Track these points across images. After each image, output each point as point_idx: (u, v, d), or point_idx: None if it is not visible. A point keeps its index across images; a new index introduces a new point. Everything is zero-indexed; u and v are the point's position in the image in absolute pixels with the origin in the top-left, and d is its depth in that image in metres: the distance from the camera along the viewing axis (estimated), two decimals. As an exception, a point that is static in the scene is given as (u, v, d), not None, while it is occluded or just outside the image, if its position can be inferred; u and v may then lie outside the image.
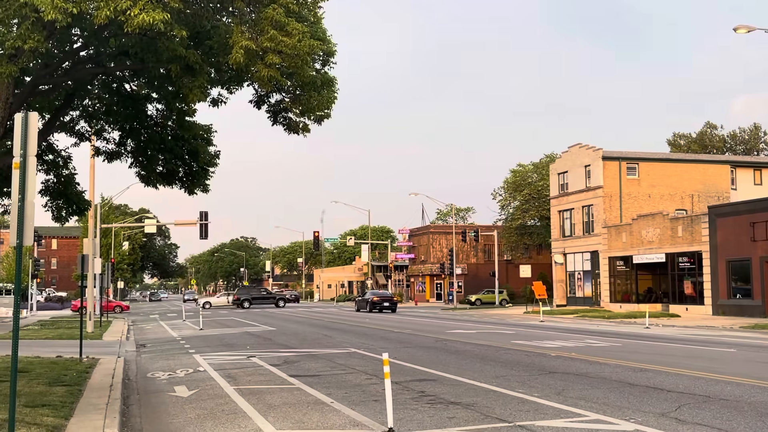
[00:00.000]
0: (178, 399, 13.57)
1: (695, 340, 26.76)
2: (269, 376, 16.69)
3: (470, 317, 48.49)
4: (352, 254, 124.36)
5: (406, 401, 12.62)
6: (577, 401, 12.50)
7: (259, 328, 35.58)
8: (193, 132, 17.11)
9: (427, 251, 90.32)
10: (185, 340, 28.27)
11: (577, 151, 60.64)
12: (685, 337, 28.39)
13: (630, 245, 53.04)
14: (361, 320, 43.26)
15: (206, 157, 17.54)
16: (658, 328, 35.09)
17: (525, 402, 12.45)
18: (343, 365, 18.56)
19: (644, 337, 28.73)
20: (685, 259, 48.01)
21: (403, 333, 30.89)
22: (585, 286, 60.20)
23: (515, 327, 35.84)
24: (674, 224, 48.79)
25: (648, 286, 53.26)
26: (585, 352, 21.29)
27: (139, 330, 36.99)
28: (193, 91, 13.59)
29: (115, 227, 74.67)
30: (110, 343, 26.70)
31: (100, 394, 13.22)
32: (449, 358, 20.15)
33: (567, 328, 34.57)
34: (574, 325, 37.61)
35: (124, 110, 16.40)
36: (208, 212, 51.17)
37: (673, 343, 25.29)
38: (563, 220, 63.07)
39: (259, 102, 15.70)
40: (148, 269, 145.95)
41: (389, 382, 10.40)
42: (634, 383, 14.63)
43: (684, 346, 24.34)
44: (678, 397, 12.83)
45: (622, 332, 31.58)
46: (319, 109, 14.87)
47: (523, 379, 15.32)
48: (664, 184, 57.43)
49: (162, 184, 17.51)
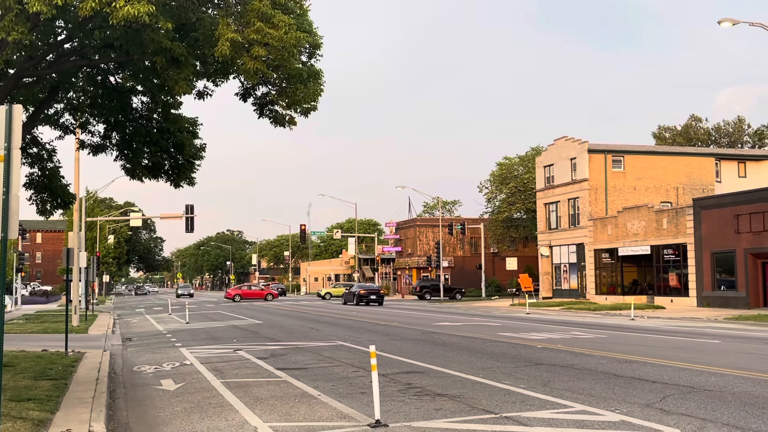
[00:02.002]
0: (164, 392, 13.55)
1: (680, 332, 26.94)
2: (256, 369, 16.68)
3: (456, 310, 48.61)
4: (339, 247, 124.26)
5: (393, 393, 12.66)
6: (563, 392, 12.58)
7: (246, 322, 35.54)
8: (178, 125, 17.05)
9: (414, 244, 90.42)
10: (171, 334, 28.20)
11: (563, 144, 60.82)
12: (669, 329, 28.58)
13: (615, 238, 53.31)
14: (348, 313, 43.29)
15: (192, 150, 17.47)
16: (643, 319, 35.30)
17: (511, 393, 12.52)
18: (330, 358, 18.58)
19: (629, 328, 28.90)
20: (670, 252, 48.32)
21: (390, 326, 30.94)
22: (571, 279, 60.46)
23: (501, 319, 35.97)
24: (659, 217, 49.08)
25: (633, 278, 53.57)
26: (571, 344, 21.40)
27: (125, 324, 36.85)
28: (178, 83, 13.53)
29: (100, 221, 74.28)
30: (96, 337, 26.59)
31: (86, 388, 13.19)
32: (436, 350, 20.21)
33: (553, 320, 34.72)
34: (560, 317, 37.78)
35: (109, 103, 16.30)
36: (194, 205, 50.90)
37: (657, 335, 25.45)
38: (549, 212, 63.28)
39: (246, 95, 15.64)
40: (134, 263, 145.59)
41: (376, 375, 10.42)
42: (619, 374, 14.73)
43: (669, 337, 24.50)
44: (663, 388, 12.93)
45: (607, 324, 31.75)
46: (306, 101, 14.83)
47: (510, 371, 15.39)
48: (649, 176, 57.71)
49: (147, 177, 17.43)
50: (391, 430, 9.81)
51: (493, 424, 10.07)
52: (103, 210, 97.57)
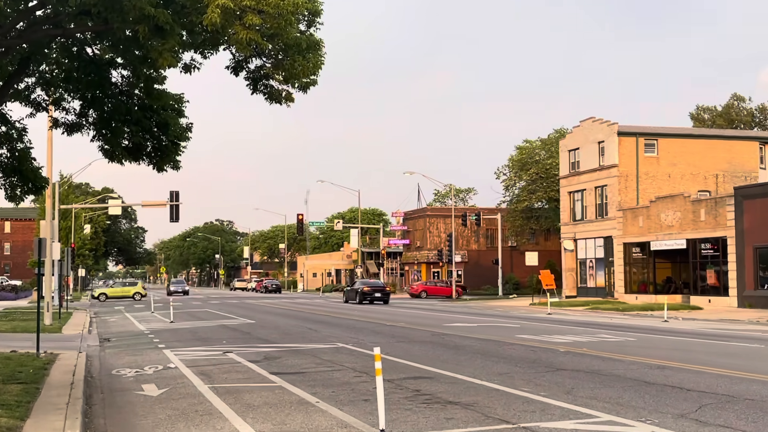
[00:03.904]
0: (146, 398, 13.60)
1: (718, 335, 26.94)
2: (248, 373, 16.73)
3: (471, 309, 48.68)
4: (340, 240, 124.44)
5: (399, 401, 12.69)
6: (588, 401, 12.59)
7: (237, 321, 35.65)
8: (162, 101, 17.00)
9: (423, 236, 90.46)
10: (154, 334, 28.31)
11: (589, 125, 60.70)
12: (707, 332, 28.57)
13: (647, 230, 53.24)
14: (349, 312, 43.40)
15: (177, 129, 17.44)
16: (678, 321, 35.30)
17: (530, 401, 12.53)
18: (329, 361, 18.63)
19: (662, 331, 28.91)
20: (707, 246, 48.24)
21: (397, 326, 31.00)
22: (597, 276, 60.46)
23: (520, 320, 36.02)
24: (696, 207, 48.97)
25: (667, 276, 53.54)
26: (597, 348, 21.42)
27: (103, 323, 36.97)
28: (162, 55, 13.49)
29: (76, 208, 74.47)
30: (71, 337, 26.69)
31: (59, 393, 13.24)
32: (447, 353, 20.25)
33: (577, 322, 34.76)
34: (585, 318, 37.82)
35: (85, 77, 16.26)
36: (179, 192, 51.01)
37: (693, 338, 25.45)
38: (574, 202, 63.22)
39: (237, 68, 15.60)
40: (113, 255, 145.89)
41: (381, 380, 10.44)
42: (650, 382, 14.74)
43: (706, 341, 24.50)
44: (699, 397, 12.93)
45: (637, 326, 31.77)
46: (305, 75, 14.78)
47: (529, 377, 15.42)
48: (685, 162, 57.58)
49: (128, 159, 17.41)
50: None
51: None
52: (79, 197, 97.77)
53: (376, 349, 10.90)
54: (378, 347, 11.14)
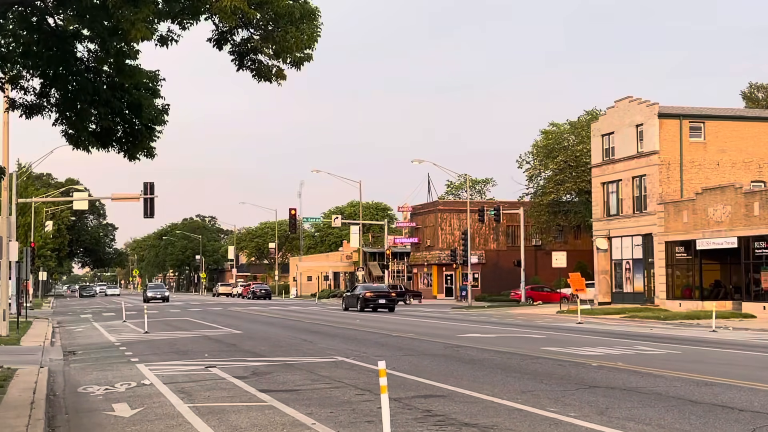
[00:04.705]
0: (117, 419, 13.64)
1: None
2: (234, 390, 16.76)
3: (489, 318, 48.68)
4: (339, 238, 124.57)
5: (407, 422, 12.70)
6: (625, 422, 12.60)
7: (221, 331, 35.70)
8: (135, 80, 17.00)
9: (434, 234, 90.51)
10: (126, 346, 28.38)
11: (626, 106, 60.58)
12: (762, 344, 28.55)
13: (693, 227, 53.16)
14: (350, 321, 43.42)
15: (151, 111, 17.45)
16: (728, 331, 35.27)
17: (559, 424, 12.54)
18: (327, 377, 18.66)
19: (710, 342, 28.88)
20: (762, 245, 48.13)
21: (404, 337, 31.02)
22: (635, 279, 60.38)
23: (546, 330, 36.01)
24: (749, 200, 48.89)
25: (715, 279, 53.44)
26: (634, 362, 21.41)
27: (67, 333, 37.07)
28: (135, 25, 13.49)
29: (36, 202, 74.66)
30: (30, 350, 26.77)
31: (18, 414, 13.27)
32: (463, 368, 20.27)
33: (612, 332, 34.74)
34: (621, 328, 37.79)
35: (46, 51, 16.28)
36: (153, 183, 50.92)
37: (746, 351, 25.43)
38: (608, 194, 63.13)
39: (221, 41, 15.59)
40: (78, 256, 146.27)
41: (386, 398, 10.44)
42: (696, 401, 14.74)
43: (761, 354, 24.49)
44: (753, 418, 12.93)
45: (681, 337, 31.75)
46: (298, 48, 14.78)
47: (557, 395, 15.42)
48: (736, 148, 57.45)
49: (95, 146, 17.43)
50: (406, 468, 9.84)
51: (536, 462, 10.08)
52: (40, 189, 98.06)
53: (381, 363, 10.90)
54: (383, 361, 11.14)
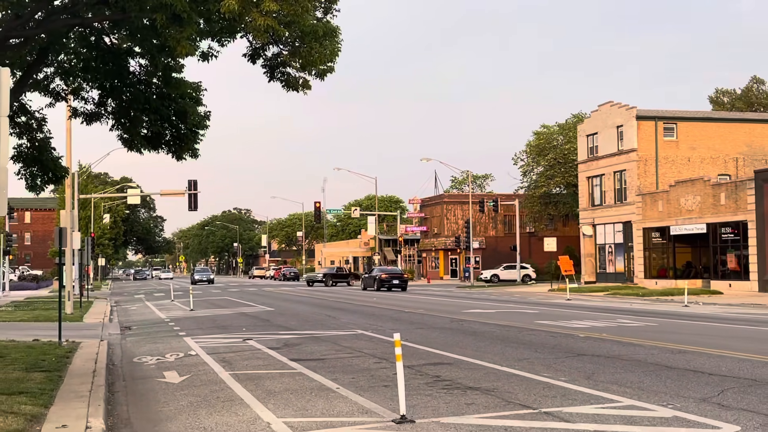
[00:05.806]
0: (168, 385, 13.68)
1: (739, 319, 26.81)
2: (268, 360, 16.81)
3: (489, 296, 48.67)
4: (357, 227, 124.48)
5: (419, 386, 12.71)
6: (609, 386, 12.57)
7: (256, 309, 35.79)
8: (180, 90, 17.06)
9: (440, 223, 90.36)
10: (174, 322, 28.47)
11: (608, 110, 60.36)
12: (728, 316, 28.44)
13: (667, 215, 52.95)
14: (368, 299, 43.48)
15: (195, 118, 17.50)
16: (698, 306, 35.14)
17: (551, 387, 12.53)
18: (349, 348, 18.69)
19: (683, 316, 28.80)
20: (728, 230, 47.91)
21: (415, 313, 31.04)
22: (617, 261, 60.25)
23: (539, 306, 35.98)
24: (716, 191, 48.63)
25: (687, 260, 53.26)
26: (617, 333, 21.38)
27: (123, 311, 37.24)
28: (180, 43, 13.53)
29: (95, 198, 74.94)
30: (92, 326, 26.89)
31: (82, 381, 13.34)
32: (467, 339, 20.27)
33: (597, 307, 34.69)
34: (605, 304, 37.73)
35: (103, 66, 16.33)
36: (197, 181, 51.15)
37: (714, 323, 25.34)
38: (592, 187, 62.95)
39: (254, 55, 15.63)
40: (132, 245, 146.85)
41: (401, 366, 10.46)
42: (671, 366, 14.70)
43: (727, 325, 24.40)
44: (721, 381, 12.88)
45: (658, 311, 31.66)
46: (321, 62, 14.79)
47: (549, 363, 15.41)
48: (705, 146, 57.16)
49: (147, 148, 17.49)
50: (418, 426, 9.85)
51: (531, 420, 10.08)
52: (98, 186, 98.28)
53: (396, 335, 10.92)
54: (398, 333, 11.16)
